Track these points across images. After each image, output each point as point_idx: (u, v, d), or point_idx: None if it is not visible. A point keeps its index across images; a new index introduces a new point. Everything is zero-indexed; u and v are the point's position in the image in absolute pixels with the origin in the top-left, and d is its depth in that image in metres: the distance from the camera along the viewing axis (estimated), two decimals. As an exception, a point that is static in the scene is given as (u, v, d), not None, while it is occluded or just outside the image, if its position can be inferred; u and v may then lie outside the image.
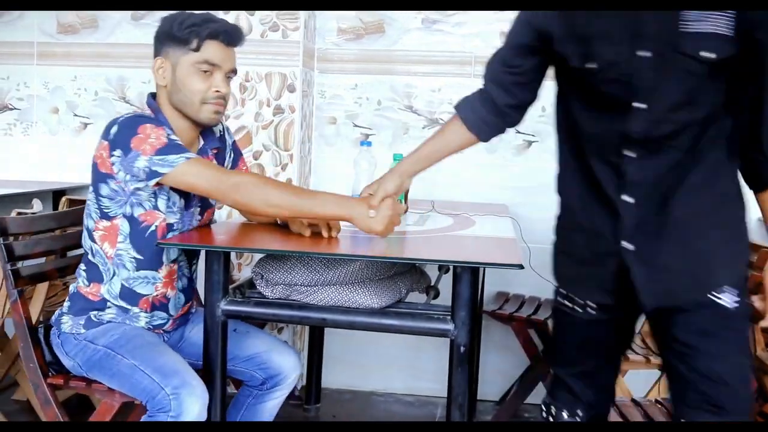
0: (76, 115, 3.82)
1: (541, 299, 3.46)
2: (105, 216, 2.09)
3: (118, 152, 1.98)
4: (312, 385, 3.41)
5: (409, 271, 2.27)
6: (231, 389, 2.48)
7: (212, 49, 2.07)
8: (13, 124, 3.87)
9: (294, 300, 2.08)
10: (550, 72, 1.74)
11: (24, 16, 3.79)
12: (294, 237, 2.15)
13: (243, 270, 3.38)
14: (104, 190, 2.06)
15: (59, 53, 3.79)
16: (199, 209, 2.23)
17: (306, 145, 3.54)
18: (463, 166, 3.57)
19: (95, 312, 2.14)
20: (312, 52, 3.57)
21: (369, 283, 2.07)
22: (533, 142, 3.54)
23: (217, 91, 2.09)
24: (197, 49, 2.06)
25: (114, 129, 2.00)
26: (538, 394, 3.24)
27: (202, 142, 2.21)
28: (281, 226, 2.29)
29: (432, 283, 2.35)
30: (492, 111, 1.83)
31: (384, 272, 2.13)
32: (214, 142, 2.25)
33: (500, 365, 3.59)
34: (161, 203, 2.09)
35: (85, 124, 3.80)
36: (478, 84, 1.83)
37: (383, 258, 2.09)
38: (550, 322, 3.04)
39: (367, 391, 3.67)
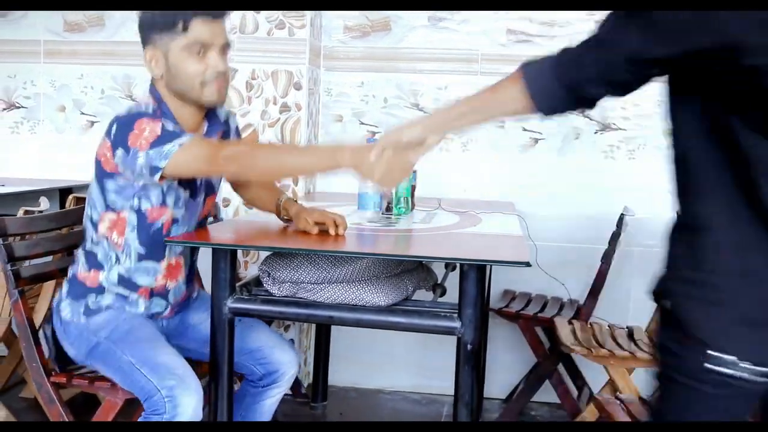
0: (82, 114, 3.82)
1: (548, 297, 3.46)
2: (111, 209, 2.07)
3: (120, 151, 1.95)
4: (319, 383, 3.41)
5: (416, 269, 2.26)
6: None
7: (200, 27, 2.00)
8: (20, 122, 3.87)
9: (301, 298, 2.08)
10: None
11: (30, 14, 3.79)
12: (301, 235, 2.15)
13: (249, 268, 3.38)
14: (110, 185, 2.05)
15: (66, 51, 3.79)
16: (203, 197, 2.22)
17: (312, 142, 3.53)
18: (469, 164, 3.57)
19: (93, 296, 2.13)
20: (318, 50, 3.57)
21: (376, 280, 2.06)
22: (539, 139, 3.53)
23: (215, 70, 2.03)
24: (185, 29, 1.99)
25: (114, 128, 1.98)
26: (545, 392, 3.23)
27: (207, 126, 2.16)
28: (287, 222, 2.28)
29: (438, 281, 2.35)
30: (566, 88, 1.44)
31: (391, 270, 2.12)
32: (219, 125, 2.20)
33: (507, 363, 3.59)
34: (169, 199, 2.08)
35: (92, 122, 3.80)
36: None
37: (390, 256, 2.08)
38: (557, 320, 3.04)
39: (373, 388, 3.67)
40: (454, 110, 1.65)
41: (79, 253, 2.19)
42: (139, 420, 1.99)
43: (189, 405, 1.93)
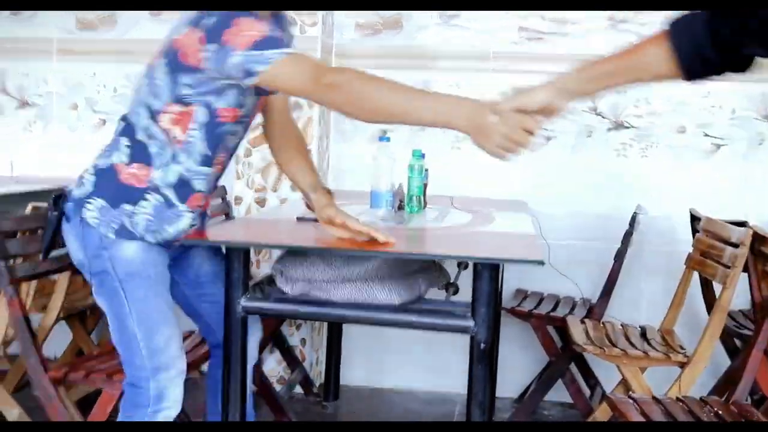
0: (95, 112, 3.83)
1: (560, 296, 3.45)
2: (180, 101, 1.87)
3: (212, 46, 1.75)
4: (331, 382, 3.41)
5: (429, 268, 2.25)
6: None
7: None
8: (33, 120, 3.88)
9: (314, 296, 2.08)
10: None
11: (42, 12, 3.79)
12: (315, 233, 2.14)
13: (262, 267, 3.38)
14: (186, 78, 1.84)
15: (78, 50, 3.80)
16: (259, 96, 2.03)
17: (324, 141, 3.53)
18: (482, 162, 3.55)
19: (130, 207, 1.90)
20: (330, 48, 3.57)
21: (389, 279, 2.06)
22: (552, 137, 3.52)
23: None
24: None
25: (209, 20, 1.77)
26: (557, 392, 3.22)
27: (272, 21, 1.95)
28: (305, 221, 2.26)
29: (451, 280, 2.34)
30: (720, 45, 1.34)
31: (403, 269, 2.11)
32: (279, 26, 1.98)
33: (519, 362, 3.58)
34: (243, 99, 1.92)
35: (104, 121, 3.80)
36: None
37: (403, 254, 2.07)
38: (569, 319, 3.03)
39: (386, 388, 3.67)
40: (588, 72, 1.51)
41: (119, 142, 1.94)
42: (121, 412, 1.97)
43: (174, 399, 1.94)
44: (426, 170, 2.73)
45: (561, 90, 1.52)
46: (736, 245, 2.54)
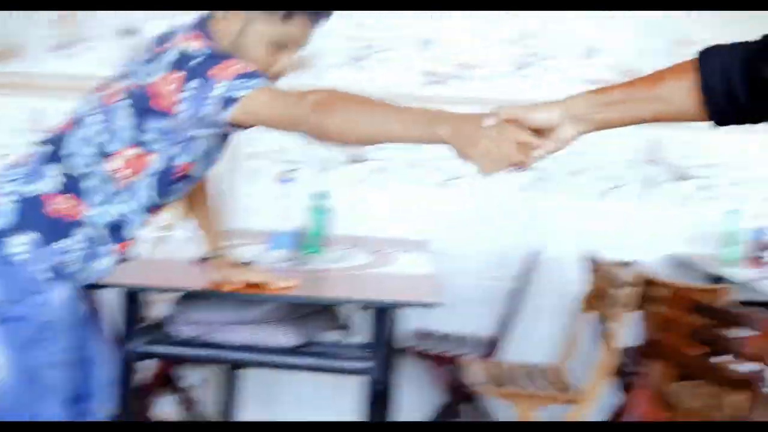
0: (-7, 146, 3.74)
1: (459, 335, 3.49)
2: (141, 146, 1.73)
3: (195, 83, 1.63)
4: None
5: (324, 309, 2.28)
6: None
7: (301, 26, 1.76)
8: (-73, 153, 3.77)
9: (210, 339, 2.07)
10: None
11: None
12: (212, 275, 2.13)
13: (158, 307, 3.33)
14: (154, 123, 1.71)
15: (-23, 82, 3.72)
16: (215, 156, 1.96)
17: (227, 180, 3.52)
18: (386, 200, 3.61)
19: (63, 243, 1.72)
20: (236, 87, 3.57)
21: (284, 322, 2.07)
22: (457, 178, 3.59)
23: (280, 72, 1.81)
24: (285, 19, 1.74)
25: (195, 61, 1.65)
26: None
27: None
28: (201, 261, 2.26)
29: (348, 321, 2.37)
30: (757, 84, 1.13)
31: (299, 311, 2.13)
32: None
33: (417, 402, 3.59)
34: (204, 154, 1.83)
35: (2, 155, 3.71)
36: None
37: (297, 298, 2.07)
38: (464, 359, 3.07)
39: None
40: (599, 96, 1.30)
41: (43, 170, 1.74)
42: None
43: None
44: (328, 210, 2.75)
45: (569, 115, 1.31)
46: (624, 285, 2.63)
